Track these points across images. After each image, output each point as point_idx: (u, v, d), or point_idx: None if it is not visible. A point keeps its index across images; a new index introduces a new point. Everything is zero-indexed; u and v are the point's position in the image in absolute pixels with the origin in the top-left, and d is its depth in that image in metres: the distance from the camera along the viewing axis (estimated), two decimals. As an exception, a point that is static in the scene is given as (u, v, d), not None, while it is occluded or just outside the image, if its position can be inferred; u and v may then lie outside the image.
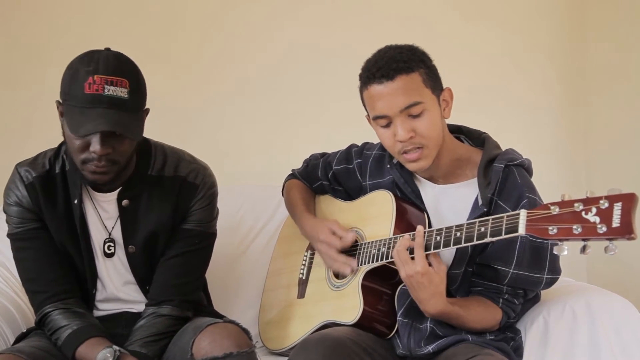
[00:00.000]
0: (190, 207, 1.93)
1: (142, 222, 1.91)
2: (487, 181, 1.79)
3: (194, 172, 1.94)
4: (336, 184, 2.12)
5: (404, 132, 1.76)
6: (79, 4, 2.84)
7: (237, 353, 1.72)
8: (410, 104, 1.76)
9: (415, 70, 1.77)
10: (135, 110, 1.78)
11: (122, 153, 1.80)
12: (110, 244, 1.92)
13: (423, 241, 1.72)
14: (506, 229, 1.60)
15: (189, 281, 1.96)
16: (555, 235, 1.51)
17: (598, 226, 1.45)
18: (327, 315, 1.93)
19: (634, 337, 1.82)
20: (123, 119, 1.73)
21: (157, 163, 1.93)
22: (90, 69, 1.74)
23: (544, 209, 1.54)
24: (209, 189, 1.96)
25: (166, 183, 1.92)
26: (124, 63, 1.79)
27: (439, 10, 3.00)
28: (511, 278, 1.79)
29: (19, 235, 1.91)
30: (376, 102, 1.79)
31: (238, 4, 2.92)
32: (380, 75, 1.77)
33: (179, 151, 1.99)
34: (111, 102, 1.73)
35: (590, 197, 1.48)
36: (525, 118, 3.06)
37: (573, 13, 3.10)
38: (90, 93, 1.72)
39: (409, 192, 1.90)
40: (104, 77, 1.73)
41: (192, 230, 1.94)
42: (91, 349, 1.79)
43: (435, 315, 1.77)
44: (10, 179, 1.93)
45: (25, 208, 1.89)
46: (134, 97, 1.76)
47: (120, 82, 1.74)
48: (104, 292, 1.96)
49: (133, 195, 1.91)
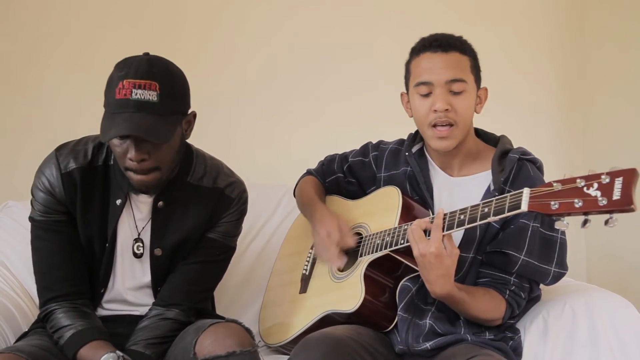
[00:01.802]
0: (221, 218, 1.94)
1: (174, 227, 1.91)
2: (501, 168, 1.85)
3: (232, 185, 1.96)
4: (350, 176, 2.14)
5: (442, 103, 1.83)
6: (79, 4, 2.85)
7: (240, 352, 1.72)
8: (456, 79, 1.84)
9: (467, 54, 1.89)
10: (167, 114, 1.74)
11: (159, 158, 1.78)
12: (139, 244, 1.91)
13: (442, 222, 1.73)
14: (509, 206, 1.63)
15: (202, 290, 1.97)
16: (557, 210, 1.53)
17: (599, 199, 1.47)
18: (328, 306, 1.94)
19: (633, 336, 1.82)
20: (149, 122, 1.71)
21: (197, 172, 1.93)
22: (122, 73, 1.73)
23: (546, 186, 1.57)
24: (242, 204, 1.98)
25: (204, 193, 1.92)
26: (156, 66, 1.76)
27: (439, 10, 3.00)
28: (521, 265, 1.81)
29: (41, 224, 1.87)
30: (424, 69, 1.87)
31: (238, 4, 2.92)
32: (437, 45, 1.86)
33: (219, 163, 2.00)
34: (139, 106, 1.71)
35: (592, 174, 1.50)
36: (525, 118, 3.06)
37: (572, 13, 3.10)
38: (119, 98, 1.71)
39: (422, 181, 1.94)
40: (132, 81, 1.71)
41: (216, 240, 1.95)
42: (93, 352, 1.78)
43: (441, 296, 1.77)
44: (45, 162, 1.88)
45: (55, 198, 1.85)
46: (165, 100, 1.73)
47: (149, 85, 1.71)
48: (112, 292, 1.95)
49: (169, 199, 1.90)
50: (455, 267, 1.75)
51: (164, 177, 1.83)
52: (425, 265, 1.73)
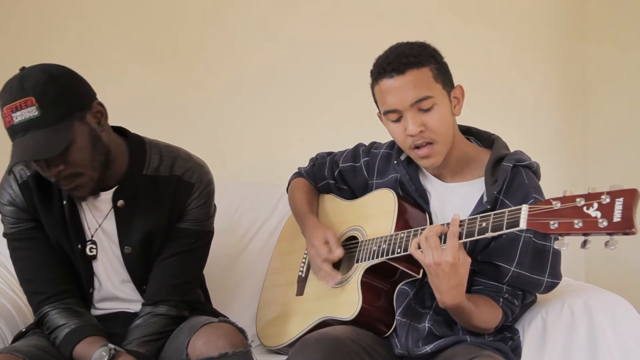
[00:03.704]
0: (187, 206, 1.91)
1: (138, 223, 1.89)
2: (494, 179, 1.80)
3: (190, 170, 1.92)
4: (342, 183, 2.12)
5: (414, 126, 1.77)
6: (78, 3, 2.85)
7: (233, 353, 1.72)
8: (421, 98, 1.76)
9: (426, 65, 1.78)
10: (54, 122, 1.69)
11: (74, 163, 1.75)
12: (92, 246, 1.91)
13: (458, 230, 1.67)
14: (507, 223, 1.60)
15: (186, 281, 1.95)
16: (557, 229, 1.51)
17: (599, 221, 1.45)
18: (325, 312, 1.93)
19: (632, 336, 1.81)
20: (38, 139, 1.67)
21: (152, 162, 1.91)
22: (1, 102, 1.71)
23: (545, 204, 1.54)
24: (205, 187, 1.94)
25: (162, 183, 1.90)
26: (27, 80, 1.70)
27: (439, 10, 3.00)
28: (512, 277, 1.78)
29: (14, 236, 1.90)
30: (387, 97, 1.80)
31: (236, 3, 2.92)
32: (390, 69, 1.78)
33: (175, 149, 1.96)
34: (24, 128, 1.68)
35: (592, 193, 1.48)
36: (524, 118, 3.06)
37: (572, 13, 3.10)
38: (8, 127, 1.71)
39: (412, 190, 1.91)
40: (10, 106, 1.69)
41: (189, 229, 1.93)
42: (87, 348, 1.79)
43: (451, 306, 1.73)
44: (3, 178, 1.91)
45: (19, 208, 1.88)
46: (46, 109, 1.68)
47: (24, 103, 1.67)
48: (101, 291, 1.95)
49: (128, 195, 1.88)
50: (467, 277, 1.71)
51: (93, 177, 1.80)
52: (439, 274, 1.68)
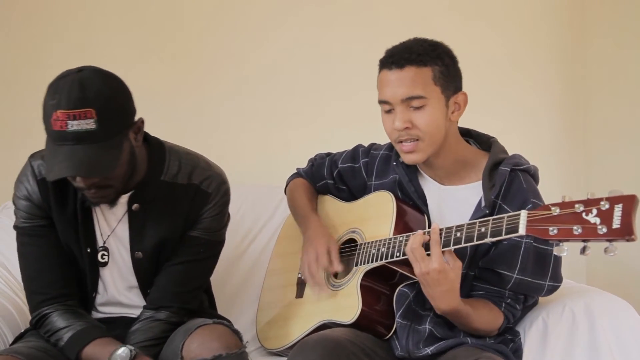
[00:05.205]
0: (201, 215, 1.89)
1: (152, 229, 1.87)
2: (492, 183, 1.80)
3: (209, 179, 1.90)
4: (341, 183, 2.11)
5: (400, 122, 1.79)
6: (77, 3, 2.84)
7: (227, 355, 1.71)
8: (412, 96, 1.78)
9: (428, 65, 1.79)
10: (108, 138, 1.68)
11: (112, 178, 1.75)
12: (104, 252, 1.90)
13: (439, 238, 1.71)
14: (506, 229, 1.60)
15: (190, 290, 1.94)
16: (556, 235, 1.51)
17: (598, 227, 1.45)
18: (325, 315, 1.93)
19: (633, 338, 1.82)
20: (91, 154, 1.66)
21: (171, 169, 1.88)
22: (54, 102, 1.66)
23: (544, 209, 1.55)
24: (222, 197, 1.92)
25: (179, 190, 1.87)
26: (89, 88, 1.66)
27: (439, 10, 2.99)
28: (514, 283, 1.79)
29: (25, 231, 1.88)
30: (383, 87, 1.83)
31: (235, 4, 2.92)
32: (391, 62, 1.80)
33: (195, 157, 1.94)
34: (78, 138, 1.65)
35: (591, 199, 1.48)
36: (525, 118, 3.06)
37: (573, 13, 3.09)
38: (56, 130, 1.66)
39: (411, 191, 1.91)
40: (66, 112, 1.64)
41: (199, 238, 1.91)
42: (101, 349, 1.78)
43: (447, 312, 1.75)
44: (22, 171, 1.88)
45: (34, 204, 1.85)
46: (103, 124, 1.66)
47: (84, 113, 1.64)
48: (105, 295, 1.94)
49: (144, 200, 1.86)
50: (459, 281, 1.72)
51: (119, 188, 1.80)
52: (430, 282, 1.70)
